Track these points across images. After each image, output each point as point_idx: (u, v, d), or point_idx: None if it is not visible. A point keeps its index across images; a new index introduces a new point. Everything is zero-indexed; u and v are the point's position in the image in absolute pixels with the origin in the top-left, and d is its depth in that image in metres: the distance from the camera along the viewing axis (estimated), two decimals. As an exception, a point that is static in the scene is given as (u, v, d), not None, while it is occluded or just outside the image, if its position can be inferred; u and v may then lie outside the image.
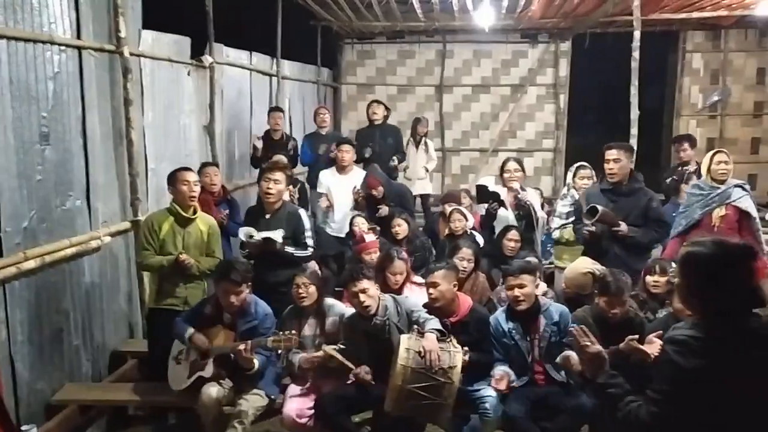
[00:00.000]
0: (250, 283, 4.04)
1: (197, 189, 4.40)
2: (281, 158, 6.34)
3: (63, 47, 4.17)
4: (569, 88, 11.00)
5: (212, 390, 3.91)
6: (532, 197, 5.52)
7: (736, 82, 10.49)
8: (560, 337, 3.86)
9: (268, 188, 4.65)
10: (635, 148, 5.57)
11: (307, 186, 6.83)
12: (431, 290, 3.99)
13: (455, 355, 3.52)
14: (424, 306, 4.12)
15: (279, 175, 4.67)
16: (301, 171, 7.53)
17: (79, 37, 4.36)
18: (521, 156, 11.07)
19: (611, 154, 4.65)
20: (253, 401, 3.97)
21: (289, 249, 4.59)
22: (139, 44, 5.13)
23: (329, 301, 4.27)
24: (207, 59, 6.16)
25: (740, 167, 10.27)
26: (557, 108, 11.04)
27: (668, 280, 4.04)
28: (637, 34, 6.12)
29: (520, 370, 3.87)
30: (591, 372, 2.38)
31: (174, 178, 4.33)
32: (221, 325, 4.06)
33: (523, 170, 5.46)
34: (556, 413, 3.74)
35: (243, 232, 4.59)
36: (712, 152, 5.13)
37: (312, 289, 4.14)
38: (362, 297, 3.82)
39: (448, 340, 3.63)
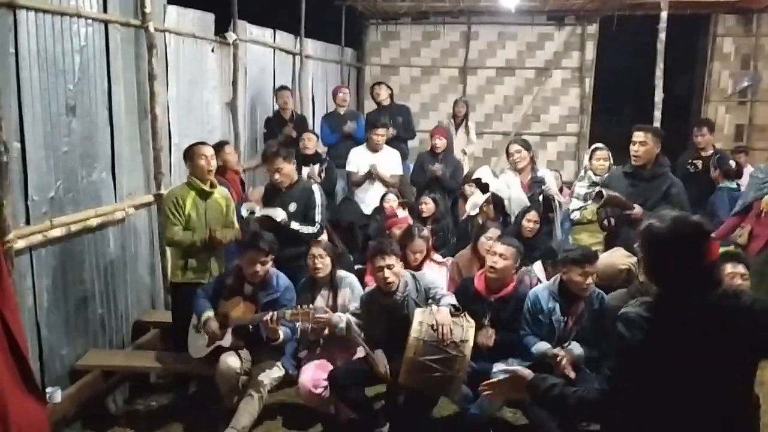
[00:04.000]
0: (273, 256, 4.13)
1: (214, 163, 4.49)
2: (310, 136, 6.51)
3: (90, 21, 4.24)
4: (595, 71, 10.85)
5: (230, 360, 4.01)
6: (549, 179, 5.50)
7: (767, 67, 10.25)
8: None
9: (276, 179, 4.72)
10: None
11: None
12: (497, 259, 4.01)
13: (468, 330, 3.56)
14: (465, 281, 4.17)
15: (280, 163, 4.69)
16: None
17: (105, 11, 4.43)
18: (544, 140, 11.10)
19: (638, 136, 4.60)
20: (270, 372, 4.08)
21: (295, 225, 4.63)
22: (164, 20, 5.20)
23: (342, 273, 4.34)
24: (231, 36, 6.21)
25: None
26: (582, 92, 10.90)
27: None
28: (663, 15, 6.03)
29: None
30: None
31: (192, 153, 4.41)
32: (241, 296, 4.15)
33: (527, 150, 5.40)
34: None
35: (245, 208, 4.67)
36: None
37: (327, 260, 4.21)
38: (387, 272, 3.87)
39: (462, 314, 3.68)
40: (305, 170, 6.41)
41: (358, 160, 6.41)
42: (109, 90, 4.49)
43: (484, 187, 5.54)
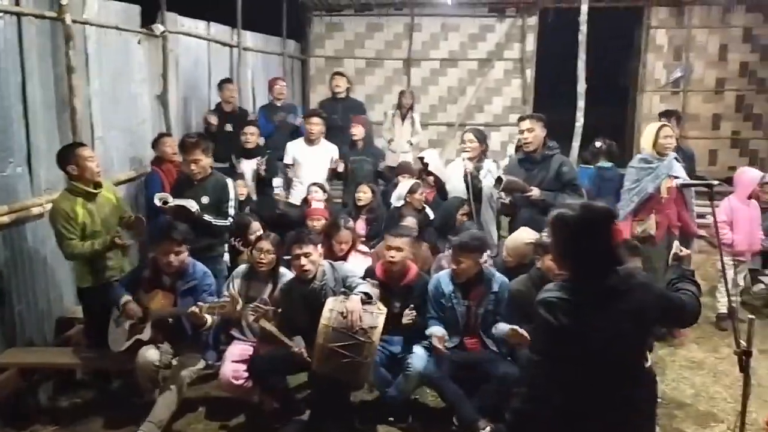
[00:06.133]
0: (188, 246, 4.14)
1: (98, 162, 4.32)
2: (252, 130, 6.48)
3: (1, 14, 4.17)
4: (536, 62, 11.04)
5: (149, 353, 4.01)
6: (492, 169, 5.62)
7: (698, 58, 10.58)
8: (496, 306, 4.00)
9: (192, 170, 4.67)
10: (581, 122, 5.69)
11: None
12: (394, 253, 4.10)
13: (377, 317, 3.65)
14: (368, 270, 4.27)
15: (199, 154, 4.66)
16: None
17: (17, 3, 4.35)
18: (488, 130, 11.22)
19: (524, 124, 4.89)
20: (189, 364, 4.09)
21: (208, 217, 4.60)
22: (84, 11, 5.12)
23: (283, 270, 4.37)
24: (158, 28, 6.14)
25: (702, 143, 10.51)
26: (524, 83, 11.08)
27: None
28: (584, 8, 6.18)
29: (452, 333, 4.02)
30: None
31: (76, 156, 4.13)
32: (159, 288, 4.15)
33: (480, 142, 5.53)
34: (484, 380, 3.89)
35: (158, 198, 4.61)
36: (657, 126, 5.23)
37: (271, 256, 4.25)
38: (303, 260, 3.94)
39: (374, 302, 3.76)
40: (247, 163, 6.40)
41: (295, 151, 6.40)
42: (23, 83, 4.41)
43: (424, 166, 5.67)
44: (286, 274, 4.32)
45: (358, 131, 6.59)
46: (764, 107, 10.64)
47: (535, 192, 4.70)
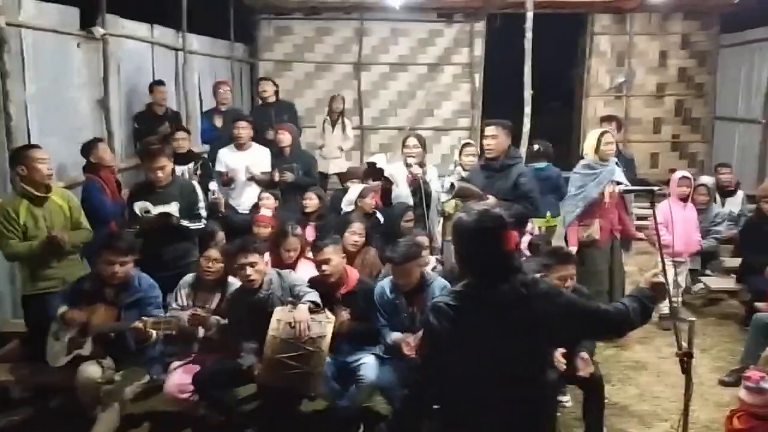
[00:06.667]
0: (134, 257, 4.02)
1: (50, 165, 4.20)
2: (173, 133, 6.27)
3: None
4: (484, 67, 11.17)
5: (90, 369, 3.86)
6: (434, 174, 5.65)
7: (640, 64, 10.91)
8: None
9: (158, 177, 4.55)
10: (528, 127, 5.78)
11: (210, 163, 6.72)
12: (324, 267, 4.04)
13: (326, 326, 3.61)
14: (311, 280, 4.21)
15: (164, 161, 4.56)
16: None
17: (-54, 6, 4.17)
18: (438, 135, 11.35)
19: (489, 130, 4.85)
20: (132, 379, 3.97)
21: (184, 222, 4.54)
22: (20, 14, 4.93)
23: (232, 279, 4.26)
24: (98, 31, 5.96)
25: (644, 146, 10.84)
26: (473, 87, 11.20)
27: None
28: (529, 15, 6.29)
29: (399, 341, 3.99)
30: None
31: (26, 158, 4.03)
32: (102, 302, 4.01)
33: (422, 147, 5.56)
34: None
35: (138, 207, 4.51)
36: (599, 132, 5.35)
37: (220, 265, 4.15)
38: (248, 270, 3.85)
39: (322, 311, 3.71)
40: (179, 169, 6.22)
41: (227, 159, 6.24)
42: (-47, 89, 4.22)
43: (378, 172, 5.62)
44: (235, 284, 4.22)
45: (284, 138, 6.40)
46: (702, 111, 11.04)
47: (490, 200, 4.62)
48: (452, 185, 4.67)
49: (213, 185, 5.81)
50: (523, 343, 2.16)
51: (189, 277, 4.27)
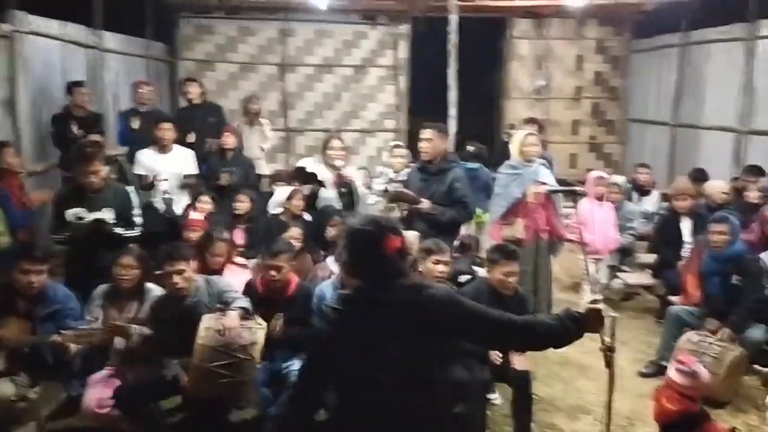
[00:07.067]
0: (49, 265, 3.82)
1: None
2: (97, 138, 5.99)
3: None
4: (409, 70, 11.26)
5: (3, 386, 3.65)
6: (356, 176, 5.63)
7: (558, 68, 11.26)
8: None
9: (93, 182, 4.37)
10: (454, 129, 5.85)
11: (127, 166, 6.46)
12: (273, 272, 3.95)
13: (257, 332, 3.52)
14: (248, 284, 4.11)
15: (98, 165, 4.39)
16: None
17: None
18: (364, 137, 11.35)
19: (425, 133, 4.86)
20: (49, 395, 3.76)
21: (118, 229, 4.37)
22: None
23: (150, 285, 4.11)
24: (5, 27, 5.61)
25: (563, 147, 11.18)
26: (398, 89, 11.26)
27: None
28: (453, 18, 6.37)
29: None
30: None
31: None
32: (14, 315, 3.78)
33: (345, 149, 5.55)
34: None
35: (71, 214, 4.29)
36: (523, 134, 5.47)
37: (135, 271, 3.97)
38: (176, 278, 3.72)
39: (252, 317, 3.63)
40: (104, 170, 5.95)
41: (147, 161, 5.97)
42: None
43: (309, 176, 5.54)
44: (154, 290, 4.07)
45: (229, 141, 6.30)
46: (616, 114, 11.53)
47: (424, 204, 4.66)
48: (385, 190, 4.66)
49: (164, 185, 5.61)
50: (410, 347, 2.15)
51: (103, 287, 4.06)
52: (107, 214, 4.34)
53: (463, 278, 4.38)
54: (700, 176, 6.85)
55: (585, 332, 2.34)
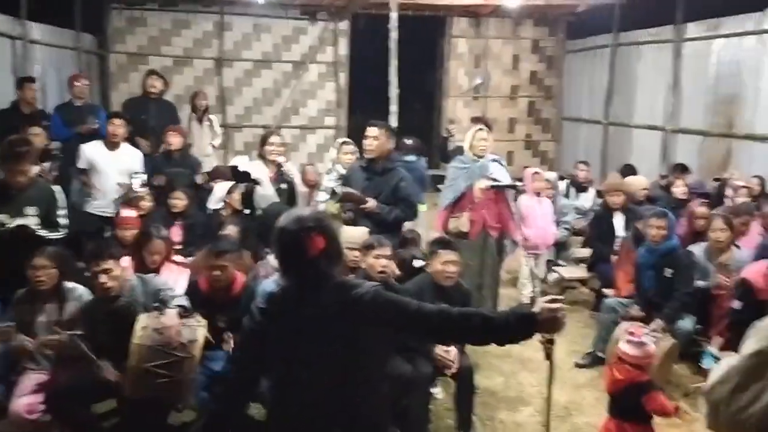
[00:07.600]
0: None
1: None
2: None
3: None
4: (349, 66, 11.23)
5: None
6: (294, 172, 5.57)
7: (495, 66, 11.48)
8: None
9: (19, 181, 4.19)
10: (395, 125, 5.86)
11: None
12: (218, 273, 3.86)
13: (197, 330, 3.44)
14: (191, 284, 4.01)
15: (27, 165, 4.23)
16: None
17: None
18: (304, 133, 11.26)
19: (371, 131, 4.84)
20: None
21: (42, 232, 4.19)
22: None
23: (70, 284, 3.93)
24: None
25: (501, 145, 11.33)
26: (338, 86, 11.23)
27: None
28: (393, 15, 6.39)
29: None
30: None
31: None
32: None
33: (284, 145, 5.46)
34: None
35: None
36: (474, 129, 5.53)
37: (52, 271, 3.78)
38: (103, 278, 3.58)
39: (192, 315, 3.54)
40: (33, 168, 5.67)
41: (93, 156, 5.77)
42: None
43: (243, 176, 5.42)
44: (76, 289, 3.88)
45: (175, 141, 6.12)
46: (551, 112, 11.85)
47: (370, 203, 4.63)
48: (333, 191, 4.62)
49: (137, 180, 5.40)
50: (338, 346, 2.14)
51: (20, 292, 3.88)
52: (31, 220, 4.17)
53: (417, 263, 4.39)
54: (629, 172, 7.10)
55: (536, 332, 2.21)
